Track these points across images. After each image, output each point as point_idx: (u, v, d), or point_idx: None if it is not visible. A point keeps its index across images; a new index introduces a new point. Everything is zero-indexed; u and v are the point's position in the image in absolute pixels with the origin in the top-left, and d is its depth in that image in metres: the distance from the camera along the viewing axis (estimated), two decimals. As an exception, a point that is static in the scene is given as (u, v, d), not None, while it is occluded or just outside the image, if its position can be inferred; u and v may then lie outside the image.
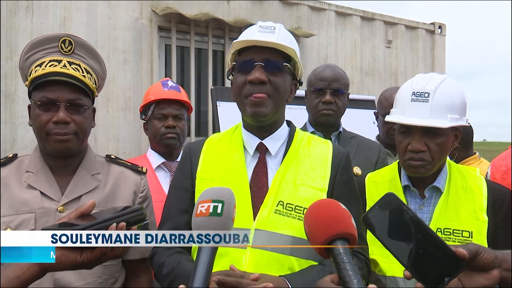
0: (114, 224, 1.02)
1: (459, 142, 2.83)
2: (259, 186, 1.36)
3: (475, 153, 3.04)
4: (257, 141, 1.42)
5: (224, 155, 1.43)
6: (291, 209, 1.32)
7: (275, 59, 1.35)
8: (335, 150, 1.46)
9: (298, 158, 1.41)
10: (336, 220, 0.97)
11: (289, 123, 1.52)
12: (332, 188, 1.38)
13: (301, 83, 1.49)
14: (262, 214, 1.31)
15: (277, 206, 1.32)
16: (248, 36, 1.39)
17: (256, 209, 1.33)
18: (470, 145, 3.04)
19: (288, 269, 1.28)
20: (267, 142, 1.42)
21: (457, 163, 2.86)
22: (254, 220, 1.31)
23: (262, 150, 1.41)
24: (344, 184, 1.40)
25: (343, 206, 1.02)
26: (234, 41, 1.39)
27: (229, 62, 1.45)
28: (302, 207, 1.32)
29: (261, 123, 1.40)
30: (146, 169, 1.65)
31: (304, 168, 1.39)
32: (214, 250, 0.94)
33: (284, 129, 1.47)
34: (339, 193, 1.36)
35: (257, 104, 1.34)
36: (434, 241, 0.93)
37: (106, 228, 1.01)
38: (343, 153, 1.47)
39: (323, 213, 1.00)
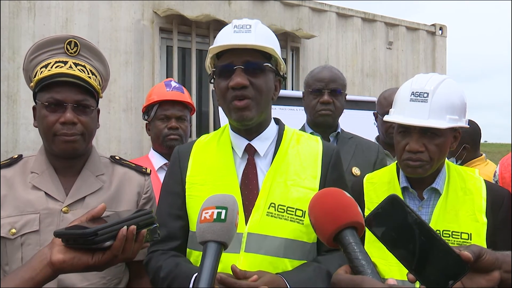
0: (125, 227, 1.03)
1: (468, 142, 2.81)
2: (249, 189, 1.35)
3: (482, 155, 3.00)
4: (245, 142, 1.41)
5: (213, 158, 1.42)
6: (283, 210, 1.32)
7: (255, 60, 1.32)
8: (325, 147, 1.44)
9: (288, 158, 1.40)
10: (344, 210, 0.96)
11: (277, 121, 1.50)
12: (323, 186, 1.36)
13: (284, 78, 1.47)
14: (254, 218, 1.31)
15: (268, 208, 1.32)
16: (224, 38, 1.37)
17: (247, 212, 1.32)
18: (478, 146, 3.00)
19: (282, 271, 1.28)
20: (255, 143, 1.41)
21: (464, 164, 2.84)
22: (246, 224, 1.30)
23: (250, 152, 1.40)
24: (335, 182, 1.38)
25: (348, 194, 1.01)
26: (210, 47, 1.36)
27: (209, 67, 1.43)
28: (294, 208, 1.32)
29: (247, 127, 1.39)
30: (150, 170, 1.66)
31: (295, 167, 1.38)
32: (219, 251, 0.96)
33: (272, 128, 1.45)
34: None
35: (241, 109, 1.33)
36: (438, 244, 0.91)
37: (117, 231, 1.02)
38: (333, 149, 1.45)
39: (329, 203, 0.98)
